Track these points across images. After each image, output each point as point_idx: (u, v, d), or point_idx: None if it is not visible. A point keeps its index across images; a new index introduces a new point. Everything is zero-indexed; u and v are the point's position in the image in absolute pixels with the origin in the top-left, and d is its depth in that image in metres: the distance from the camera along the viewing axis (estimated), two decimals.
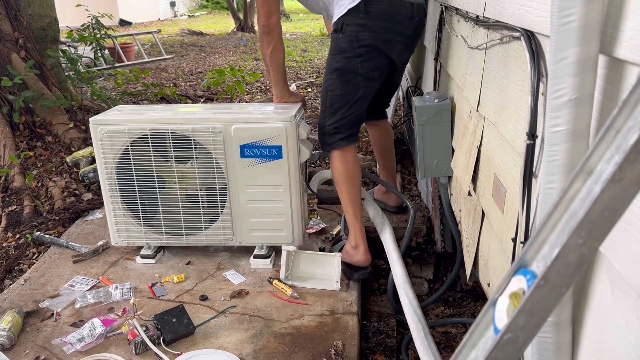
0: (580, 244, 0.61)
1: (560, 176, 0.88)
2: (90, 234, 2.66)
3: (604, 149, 0.61)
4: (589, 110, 0.85)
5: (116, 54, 8.23)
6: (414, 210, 2.46)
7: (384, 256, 2.38)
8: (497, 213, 1.50)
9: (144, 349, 1.77)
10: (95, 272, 2.30)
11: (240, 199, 2.23)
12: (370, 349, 2.10)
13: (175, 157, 2.21)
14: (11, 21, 3.95)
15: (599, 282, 0.87)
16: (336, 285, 2.11)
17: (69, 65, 4.66)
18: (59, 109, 3.95)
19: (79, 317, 1.98)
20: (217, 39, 12.54)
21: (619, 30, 0.80)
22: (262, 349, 1.78)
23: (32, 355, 1.78)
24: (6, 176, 3.30)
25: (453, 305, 2.43)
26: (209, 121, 2.15)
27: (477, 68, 1.76)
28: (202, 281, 2.20)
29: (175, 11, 20.75)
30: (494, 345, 0.65)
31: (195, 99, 5.88)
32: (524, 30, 1.23)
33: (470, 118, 1.86)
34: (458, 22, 2.10)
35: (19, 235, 2.81)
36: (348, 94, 2.19)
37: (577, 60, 0.82)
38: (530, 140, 1.15)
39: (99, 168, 2.25)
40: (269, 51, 2.25)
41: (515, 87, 1.34)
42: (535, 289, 0.62)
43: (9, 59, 3.87)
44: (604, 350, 0.85)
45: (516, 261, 0.69)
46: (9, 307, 2.00)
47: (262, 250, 2.31)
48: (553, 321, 0.91)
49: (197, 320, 1.91)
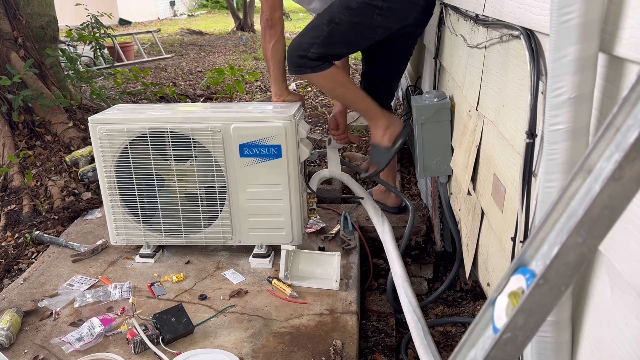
0: (579, 242, 0.60)
1: (560, 175, 0.88)
2: (90, 233, 2.66)
3: (603, 147, 0.61)
4: (588, 108, 0.84)
5: (115, 53, 8.23)
6: (413, 210, 2.45)
7: (384, 255, 2.38)
8: (497, 212, 1.50)
9: (143, 348, 1.77)
10: (94, 272, 2.29)
11: (240, 198, 2.22)
12: (369, 348, 2.10)
13: (174, 157, 2.21)
14: (10, 20, 3.94)
15: (599, 281, 0.87)
16: (335, 284, 2.11)
17: (68, 64, 4.65)
18: (58, 108, 3.95)
19: (78, 316, 1.98)
20: (217, 38, 12.54)
21: (618, 28, 0.79)
22: (261, 348, 1.78)
23: (31, 355, 1.77)
24: (5, 175, 3.30)
25: (452, 304, 2.43)
26: (209, 120, 2.15)
27: (476, 67, 1.76)
28: (201, 280, 2.20)
29: (174, 10, 20.74)
30: (493, 344, 0.65)
31: (195, 98, 5.88)
32: (524, 29, 1.22)
33: (470, 117, 1.86)
34: (457, 21, 2.10)
35: (18, 234, 2.80)
36: (350, 37, 2.23)
37: (577, 59, 0.81)
38: (530, 139, 1.15)
39: (98, 167, 2.25)
40: (270, 45, 2.26)
41: (514, 85, 1.34)
42: (535, 288, 0.62)
43: (8, 57, 3.86)
44: (603, 349, 0.85)
45: (515, 260, 0.69)
46: (7, 307, 2.00)
47: (262, 250, 2.31)
48: (552, 320, 0.91)
49: (196, 319, 1.91)
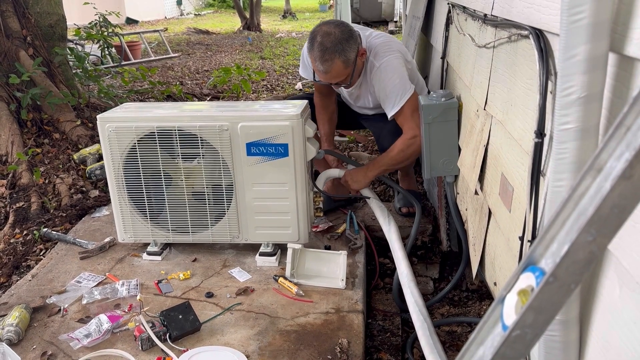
0: (589, 241, 0.60)
1: (569, 174, 0.88)
2: (97, 231, 2.67)
3: (614, 146, 0.61)
4: (598, 108, 0.84)
5: (123, 52, 8.26)
6: (420, 209, 2.45)
7: (390, 255, 2.38)
8: (504, 212, 1.50)
9: (150, 345, 1.78)
10: (101, 269, 2.31)
11: (246, 197, 2.23)
12: (375, 347, 2.10)
13: (182, 155, 2.22)
14: (19, 19, 3.97)
15: (607, 280, 0.87)
16: (341, 283, 2.11)
17: (76, 62, 4.68)
18: (67, 106, 3.97)
19: (86, 313, 1.99)
20: (224, 37, 12.56)
21: (629, 28, 0.80)
22: (267, 346, 1.79)
23: (39, 351, 1.79)
24: (14, 173, 3.32)
25: (458, 304, 2.42)
26: (216, 119, 2.16)
27: (484, 67, 1.76)
28: (208, 278, 2.21)
29: (181, 10, 20.77)
30: (502, 342, 0.65)
31: (202, 97, 5.89)
32: (533, 29, 1.22)
33: (478, 117, 1.86)
34: (465, 20, 2.10)
35: (26, 231, 2.82)
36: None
37: (587, 58, 0.81)
38: (539, 138, 1.15)
39: (106, 165, 2.26)
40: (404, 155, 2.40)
41: (523, 85, 1.34)
42: (544, 286, 0.62)
43: (17, 56, 3.89)
44: (611, 348, 0.85)
45: (525, 258, 0.69)
46: (16, 303, 2.02)
47: (268, 248, 2.32)
48: (561, 319, 0.91)
49: (203, 317, 1.92)
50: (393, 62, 2.38)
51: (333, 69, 2.26)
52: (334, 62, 2.23)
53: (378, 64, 2.38)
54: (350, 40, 2.25)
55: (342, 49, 2.22)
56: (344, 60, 2.25)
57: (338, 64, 2.24)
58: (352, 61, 2.28)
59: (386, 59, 2.38)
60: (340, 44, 2.22)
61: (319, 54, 2.24)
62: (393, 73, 2.35)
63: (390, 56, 2.38)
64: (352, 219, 2.62)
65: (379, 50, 2.40)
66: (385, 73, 2.36)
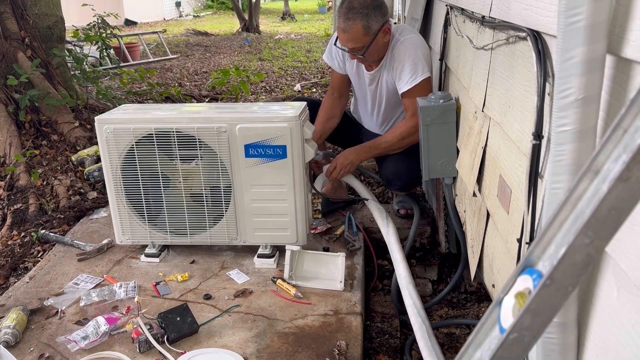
0: (587, 243, 0.60)
1: (567, 176, 0.88)
2: (95, 233, 2.67)
3: (611, 148, 0.61)
4: (595, 109, 0.84)
5: (121, 54, 8.26)
6: (418, 211, 2.45)
7: (388, 257, 2.38)
8: (502, 214, 1.50)
9: (148, 347, 1.77)
10: (99, 271, 2.30)
11: (245, 199, 2.23)
12: (373, 349, 2.10)
13: (180, 156, 2.21)
14: (17, 20, 3.97)
15: (605, 282, 0.87)
16: (340, 285, 2.11)
17: (74, 64, 4.67)
18: (65, 107, 3.97)
19: (84, 315, 1.99)
20: (222, 39, 12.56)
21: (626, 30, 0.80)
22: (265, 348, 1.78)
23: (37, 353, 1.78)
24: (12, 174, 3.32)
25: (457, 306, 2.42)
26: (214, 120, 2.15)
27: (482, 68, 1.76)
28: (206, 280, 2.21)
29: (180, 11, 20.79)
30: (500, 344, 0.65)
31: (200, 98, 5.90)
32: (530, 31, 1.22)
33: (476, 118, 1.86)
34: (464, 22, 2.10)
35: (24, 233, 2.82)
36: None
37: (584, 60, 0.81)
38: (536, 140, 1.15)
39: (104, 167, 2.26)
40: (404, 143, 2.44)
41: (521, 87, 1.34)
42: (542, 289, 0.62)
43: (15, 57, 3.89)
44: (609, 351, 0.85)
45: (522, 261, 0.69)
46: (14, 305, 2.01)
47: (266, 250, 2.31)
48: (558, 322, 0.91)
49: (201, 319, 1.92)
50: (417, 40, 2.45)
51: (352, 30, 2.29)
52: (355, 23, 2.28)
53: (403, 38, 2.43)
54: (378, 10, 2.30)
55: (367, 14, 2.27)
56: (365, 26, 2.29)
57: (358, 26, 2.28)
58: (374, 32, 2.32)
59: (412, 35, 2.45)
60: (367, 9, 2.27)
61: (344, 10, 2.30)
62: (416, 49, 2.40)
63: (416, 35, 2.46)
64: (350, 220, 2.62)
65: (405, 29, 2.49)
66: (409, 46, 2.41)
